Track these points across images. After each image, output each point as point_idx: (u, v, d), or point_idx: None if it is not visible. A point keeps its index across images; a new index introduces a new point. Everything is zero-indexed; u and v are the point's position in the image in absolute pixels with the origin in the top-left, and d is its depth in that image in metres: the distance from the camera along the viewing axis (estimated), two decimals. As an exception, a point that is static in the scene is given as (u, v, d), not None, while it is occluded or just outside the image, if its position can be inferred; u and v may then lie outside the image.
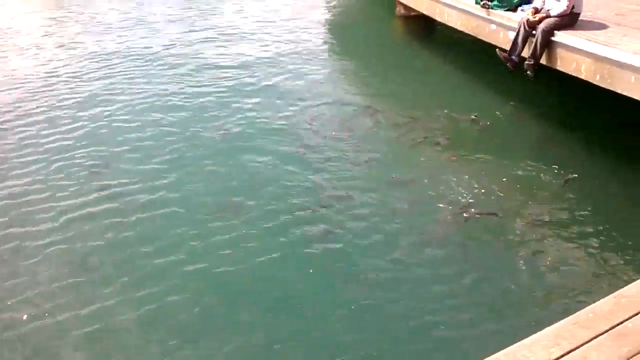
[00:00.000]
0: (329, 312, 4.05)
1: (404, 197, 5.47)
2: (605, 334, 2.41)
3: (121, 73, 8.93)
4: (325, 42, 10.89)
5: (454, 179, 5.73)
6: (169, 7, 13.27)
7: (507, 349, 2.33)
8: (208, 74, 8.82)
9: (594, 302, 2.61)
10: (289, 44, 10.39)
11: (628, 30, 6.11)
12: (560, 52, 6.14)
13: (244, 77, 8.69)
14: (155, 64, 9.36)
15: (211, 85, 8.36)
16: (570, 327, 2.46)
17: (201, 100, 7.82)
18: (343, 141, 6.57)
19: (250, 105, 7.63)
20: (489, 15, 7.11)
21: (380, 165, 6.15)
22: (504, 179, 5.72)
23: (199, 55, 9.73)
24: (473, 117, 6.93)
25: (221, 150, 6.42)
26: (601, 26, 6.31)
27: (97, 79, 8.63)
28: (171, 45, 10.35)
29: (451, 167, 6.00)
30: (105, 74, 8.87)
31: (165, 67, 9.20)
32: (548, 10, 6.29)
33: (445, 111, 7.15)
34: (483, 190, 5.52)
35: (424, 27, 9.99)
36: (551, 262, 4.49)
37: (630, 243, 4.68)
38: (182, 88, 8.29)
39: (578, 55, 5.91)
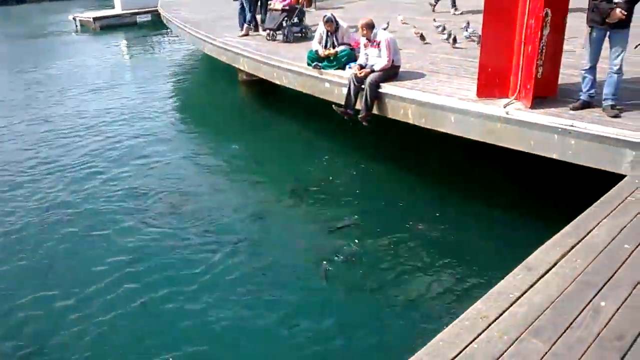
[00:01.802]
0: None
1: (267, 256, 5.58)
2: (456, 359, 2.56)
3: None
4: (172, 112, 10.83)
5: (308, 227, 6.03)
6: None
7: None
8: (43, 168, 8.25)
9: (443, 329, 2.78)
10: (139, 120, 10.25)
11: (441, 76, 6.85)
12: (388, 102, 6.68)
13: (88, 158, 8.38)
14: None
15: (43, 180, 7.80)
16: (424, 358, 2.58)
17: (34, 195, 7.31)
18: (194, 205, 6.62)
19: (98, 184, 7.36)
20: (321, 74, 7.56)
21: (237, 223, 6.27)
22: (354, 222, 6.07)
23: (36, 143, 9.19)
24: (320, 172, 7.30)
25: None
26: (420, 75, 7.00)
27: None
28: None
29: (303, 215, 6.35)
30: None
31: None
32: (372, 65, 6.85)
33: (296, 166, 7.48)
34: (339, 234, 5.82)
35: (266, 89, 10.35)
36: (403, 299, 4.78)
37: (466, 272, 5.12)
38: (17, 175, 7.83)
39: (404, 103, 6.47)
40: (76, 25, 22.12)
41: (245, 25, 10.80)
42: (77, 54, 17.17)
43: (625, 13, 4.92)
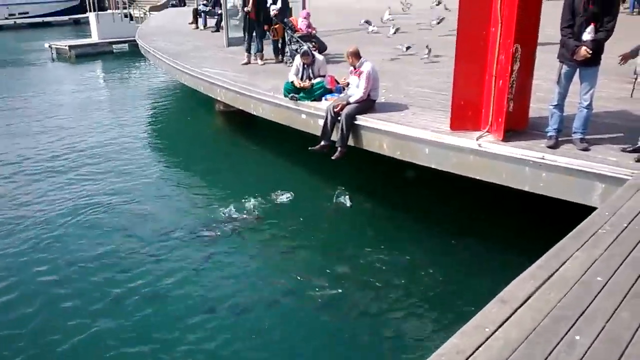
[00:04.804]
0: None
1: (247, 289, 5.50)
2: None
3: None
4: (147, 142, 10.79)
5: (281, 258, 6.05)
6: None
7: None
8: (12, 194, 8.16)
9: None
10: (113, 149, 10.18)
11: (415, 109, 6.95)
12: (364, 134, 6.73)
13: (64, 188, 8.26)
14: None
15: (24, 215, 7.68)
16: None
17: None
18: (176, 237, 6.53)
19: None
20: (298, 106, 7.61)
21: (216, 254, 6.25)
22: (328, 253, 6.03)
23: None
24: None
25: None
26: (395, 107, 7.08)
27: None
28: None
29: (275, 246, 6.35)
30: None
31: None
32: (349, 97, 6.92)
33: (272, 196, 7.51)
34: (311, 267, 5.80)
35: (244, 119, 10.37)
36: (378, 334, 4.76)
37: (443, 305, 5.12)
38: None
39: (380, 135, 6.53)
40: (52, 54, 21.99)
41: (247, 54, 10.88)
42: (53, 82, 17.05)
43: (591, 52, 5.00)
